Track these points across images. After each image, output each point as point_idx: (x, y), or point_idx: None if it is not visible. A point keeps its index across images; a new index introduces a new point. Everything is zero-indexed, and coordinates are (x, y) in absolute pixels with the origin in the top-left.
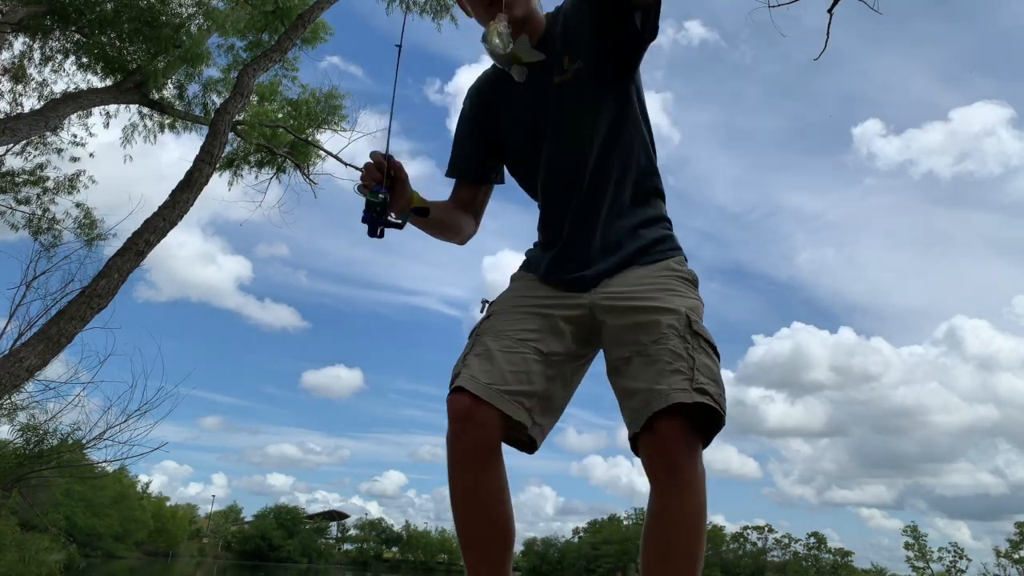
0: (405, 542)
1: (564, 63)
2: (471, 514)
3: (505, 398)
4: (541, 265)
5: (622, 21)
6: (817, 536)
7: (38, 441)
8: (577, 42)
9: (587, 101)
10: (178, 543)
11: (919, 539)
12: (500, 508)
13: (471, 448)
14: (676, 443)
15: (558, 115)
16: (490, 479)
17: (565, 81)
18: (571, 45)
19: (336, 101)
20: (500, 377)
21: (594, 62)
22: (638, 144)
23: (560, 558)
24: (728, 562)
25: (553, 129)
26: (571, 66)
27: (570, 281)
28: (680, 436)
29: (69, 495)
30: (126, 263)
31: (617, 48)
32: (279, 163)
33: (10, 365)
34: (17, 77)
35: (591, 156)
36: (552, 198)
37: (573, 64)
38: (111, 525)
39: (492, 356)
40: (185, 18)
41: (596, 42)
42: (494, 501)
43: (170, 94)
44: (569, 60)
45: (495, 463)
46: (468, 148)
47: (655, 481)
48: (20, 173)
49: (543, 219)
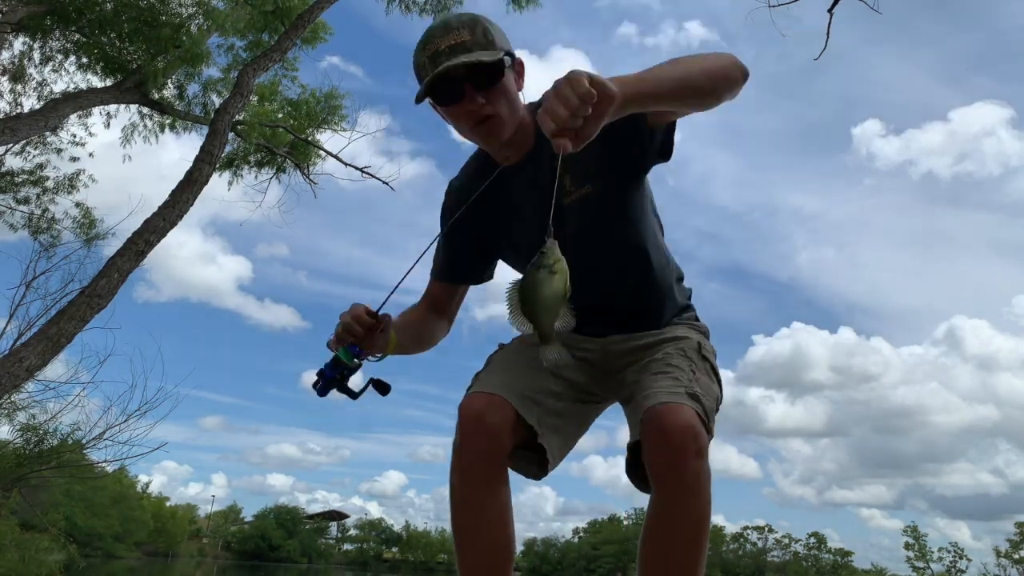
0: (405, 542)
1: (567, 185)
2: (474, 539)
3: (517, 397)
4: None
5: (637, 142)
6: (817, 536)
7: (38, 441)
8: (583, 164)
9: (600, 217)
10: (178, 543)
11: (919, 539)
12: (504, 531)
13: (479, 457)
14: (680, 435)
15: (570, 228)
16: (496, 498)
17: (574, 202)
18: (576, 165)
19: (336, 101)
20: (514, 380)
21: (604, 185)
22: (651, 240)
23: (560, 558)
24: (728, 562)
25: (564, 240)
26: (578, 190)
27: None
28: (683, 428)
29: (69, 495)
30: (126, 263)
31: (630, 167)
32: (279, 163)
33: (10, 365)
34: (17, 77)
35: (607, 263)
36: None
37: (581, 188)
38: (111, 525)
39: (508, 366)
40: (185, 18)
41: (607, 165)
42: (499, 523)
43: (170, 94)
44: (573, 182)
45: (501, 478)
46: (461, 251)
47: (654, 480)
48: (20, 173)
49: None
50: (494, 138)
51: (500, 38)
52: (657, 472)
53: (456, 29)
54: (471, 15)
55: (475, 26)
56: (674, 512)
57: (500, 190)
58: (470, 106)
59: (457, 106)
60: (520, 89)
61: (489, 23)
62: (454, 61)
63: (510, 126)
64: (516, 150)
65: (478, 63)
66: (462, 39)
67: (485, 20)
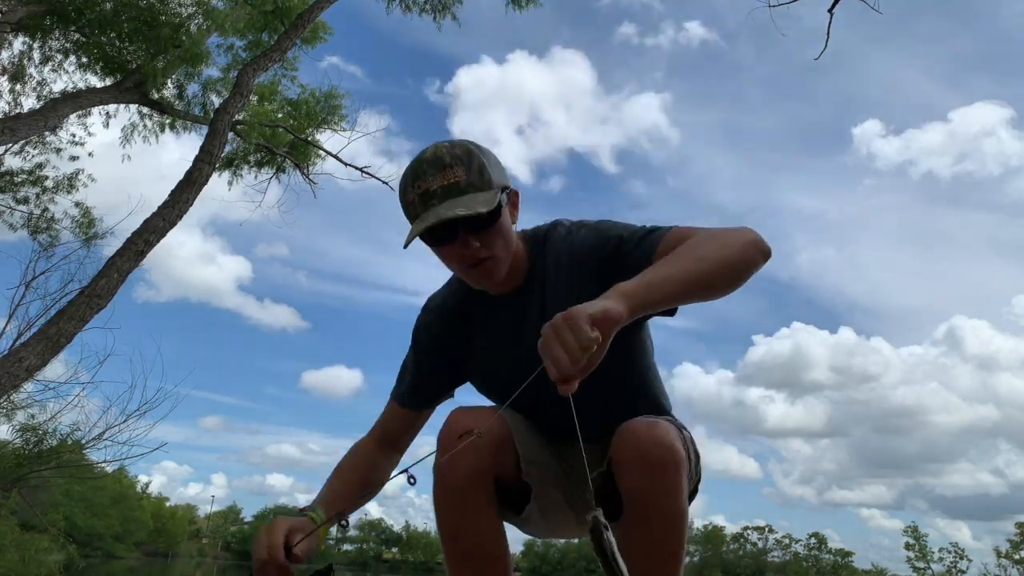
0: (405, 543)
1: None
2: (465, 568)
3: (505, 416)
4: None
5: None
6: (818, 536)
7: (38, 441)
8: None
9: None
10: (178, 543)
11: (920, 539)
12: (499, 558)
13: (464, 471)
14: (657, 448)
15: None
16: (485, 512)
17: None
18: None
19: (336, 101)
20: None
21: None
22: (648, 379)
23: (560, 558)
24: (728, 562)
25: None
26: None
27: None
28: (659, 441)
29: (69, 495)
30: (125, 263)
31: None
32: (279, 163)
33: (9, 365)
34: (16, 77)
35: (600, 401)
36: (540, 420)
37: None
38: (111, 525)
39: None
40: (185, 18)
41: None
42: (490, 546)
43: (170, 94)
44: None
45: (488, 493)
46: (430, 375)
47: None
48: (19, 173)
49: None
50: (487, 280)
51: (495, 171)
52: (631, 487)
53: (450, 167)
54: (465, 146)
55: (470, 162)
56: (651, 529)
57: (485, 319)
58: (463, 250)
59: (449, 248)
60: (514, 221)
61: (484, 154)
62: (448, 214)
63: (504, 266)
64: (507, 282)
65: (475, 216)
66: (456, 179)
67: (479, 152)
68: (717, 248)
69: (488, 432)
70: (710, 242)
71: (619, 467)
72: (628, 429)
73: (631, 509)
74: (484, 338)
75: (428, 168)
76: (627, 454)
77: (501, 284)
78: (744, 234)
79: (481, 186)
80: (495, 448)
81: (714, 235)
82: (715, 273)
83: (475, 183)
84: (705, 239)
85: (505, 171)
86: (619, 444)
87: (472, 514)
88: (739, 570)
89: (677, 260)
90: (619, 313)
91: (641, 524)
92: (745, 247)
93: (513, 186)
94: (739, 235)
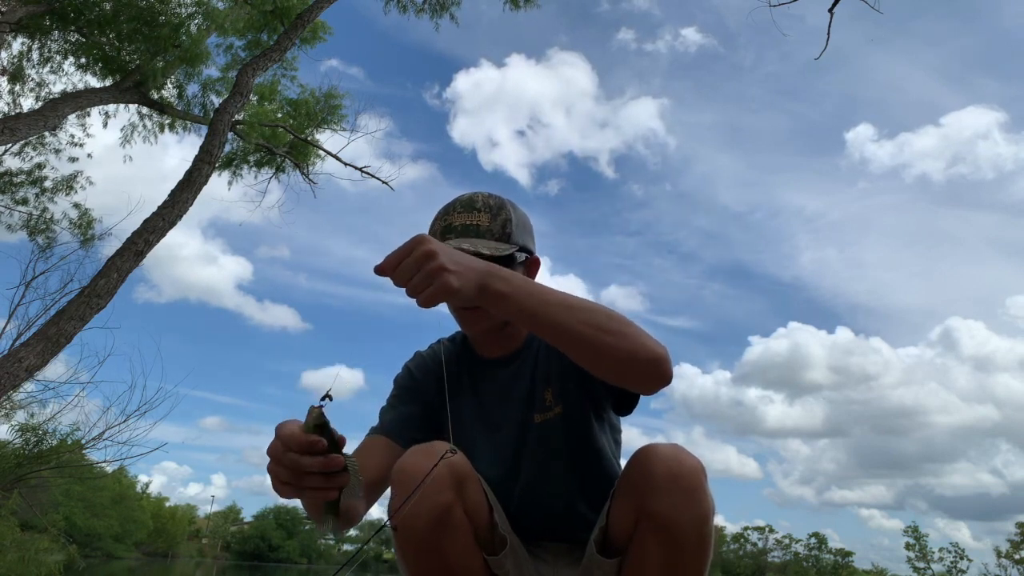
0: None
1: (547, 399)
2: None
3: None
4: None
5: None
6: (818, 536)
7: (37, 441)
8: (563, 382)
9: (567, 439)
10: (177, 543)
11: (920, 539)
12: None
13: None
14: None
15: (536, 449)
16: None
17: (547, 420)
18: (557, 381)
19: (335, 101)
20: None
21: (580, 408)
22: (606, 465)
23: None
24: (729, 562)
25: (530, 461)
26: (554, 407)
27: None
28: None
29: (69, 495)
30: (125, 263)
31: (604, 400)
32: (279, 163)
33: (9, 365)
34: (15, 77)
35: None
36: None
37: (555, 407)
38: (111, 525)
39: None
40: (184, 18)
41: (585, 392)
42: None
43: (169, 94)
44: (552, 397)
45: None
46: (410, 417)
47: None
48: (18, 173)
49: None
50: (470, 326)
51: (519, 230)
52: (660, 512)
53: (478, 210)
54: (500, 201)
55: (498, 213)
56: (682, 554)
57: (474, 380)
58: None
59: None
60: None
61: (516, 213)
62: (458, 245)
63: (494, 323)
64: (502, 347)
65: (475, 254)
66: (477, 221)
67: (511, 209)
68: (617, 325)
69: (445, 464)
70: (621, 321)
71: (646, 490)
72: (654, 452)
73: (657, 535)
74: (467, 398)
75: (459, 207)
76: (657, 479)
77: (495, 348)
78: (655, 345)
79: (500, 236)
80: (454, 481)
81: (634, 325)
82: (589, 334)
83: (494, 232)
84: (625, 320)
85: (533, 237)
86: (645, 466)
87: (450, 553)
88: (739, 570)
89: (574, 300)
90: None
91: (671, 549)
92: (642, 341)
93: (538, 255)
94: (650, 340)
